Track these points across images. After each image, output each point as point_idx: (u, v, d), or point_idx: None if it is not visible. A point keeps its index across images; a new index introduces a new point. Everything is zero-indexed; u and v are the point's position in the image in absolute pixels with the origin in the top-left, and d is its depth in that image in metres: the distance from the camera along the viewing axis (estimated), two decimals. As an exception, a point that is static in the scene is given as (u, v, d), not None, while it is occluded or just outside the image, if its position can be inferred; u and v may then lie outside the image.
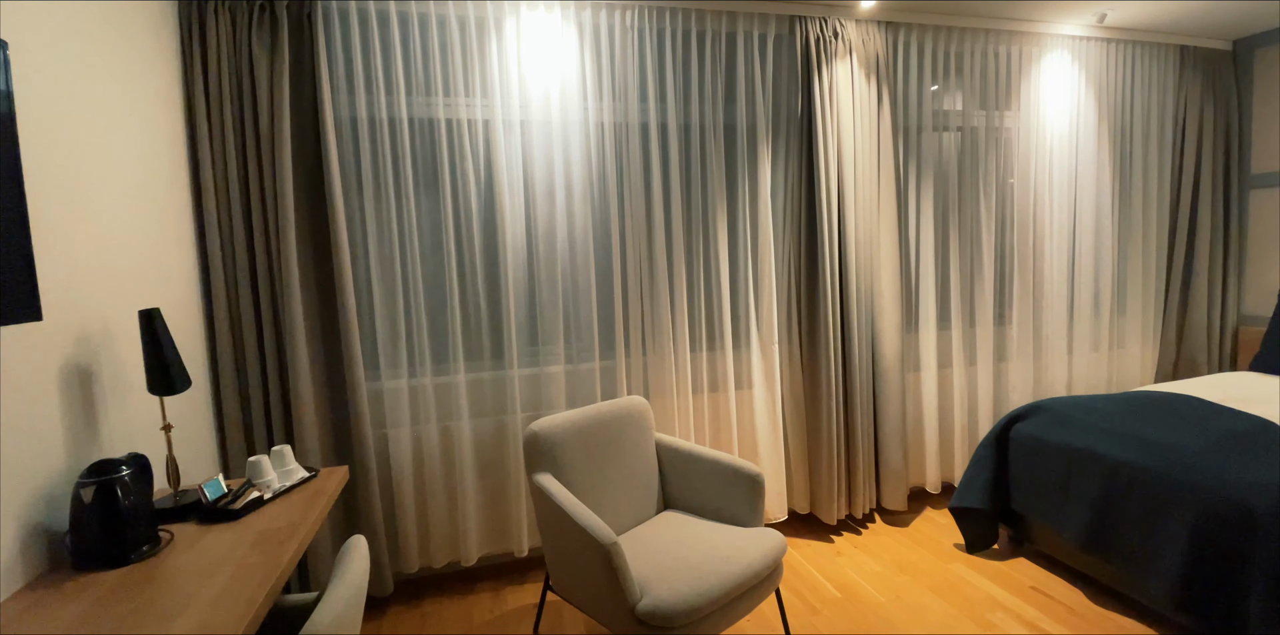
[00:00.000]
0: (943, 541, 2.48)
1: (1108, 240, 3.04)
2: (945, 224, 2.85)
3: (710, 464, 1.94)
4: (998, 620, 1.95)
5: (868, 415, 2.62)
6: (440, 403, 2.21)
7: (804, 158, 2.56)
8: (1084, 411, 2.25)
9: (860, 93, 2.60)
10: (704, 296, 2.50)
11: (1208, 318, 3.17)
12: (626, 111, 2.37)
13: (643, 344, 2.40)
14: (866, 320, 2.64)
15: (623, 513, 1.90)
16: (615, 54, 2.34)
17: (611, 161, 2.35)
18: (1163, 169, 3.12)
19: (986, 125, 2.88)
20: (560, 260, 2.30)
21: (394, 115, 2.14)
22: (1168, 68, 3.11)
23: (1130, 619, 1.94)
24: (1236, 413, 2.15)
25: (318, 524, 1.39)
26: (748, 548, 1.65)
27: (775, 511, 2.56)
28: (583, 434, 1.89)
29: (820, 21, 2.54)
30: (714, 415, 2.53)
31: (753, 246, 2.56)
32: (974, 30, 2.81)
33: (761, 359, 2.57)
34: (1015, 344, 2.95)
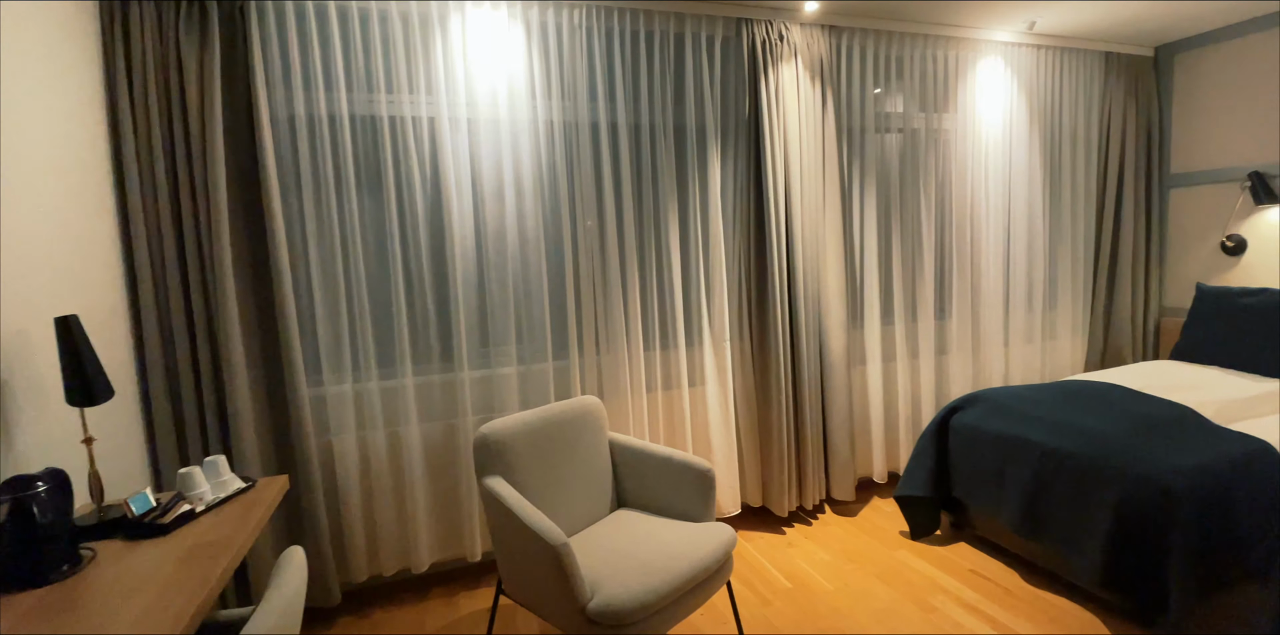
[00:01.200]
0: (889, 529, 2.57)
1: (1040, 237, 3.19)
2: (888, 223, 2.94)
3: (663, 461, 1.96)
4: (939, 603, 2.03)
5: (816, 409, 2.69)
6: (387, 407, 2.17)
7: (752, 158, 2.61)
8: (1017, 401, 2.36)
9: (805, 95, 2.66)
10: (657, 295, 2.52)
11: (1132, 310, 3.36)
12: (576, 111, 2.36)
13: (596, 344, 2.40)
14: (814, 317, 2.71)
15: (576, 513, 1.90)
16: (564, 53, 2.33)
17: (562, 161, 2.34)
18: (1089, 169, 3.29)
19: (926, 127, 2.99)
20: (511, 260, 2.28)
21: (334, 112, 2.08)
22: (1094, 73, 3.27)
23: (1062, 597, 2.05)
24: (1157, 400, 2.29)
25: (253, 536, 1.34)
26: (699, 543, 1.68)
27: (729, 505, 2.60)
28: (534, 435, 1.88)
29: (766, 24, 2.58)
30: (668, 413, 2.56)
31: (704, 245, 2.59)
32: (913, 35, 2.90)
33: (714, 356, 2.60)
34: (955, 337, 3.07)
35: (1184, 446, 1.91)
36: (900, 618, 1.95)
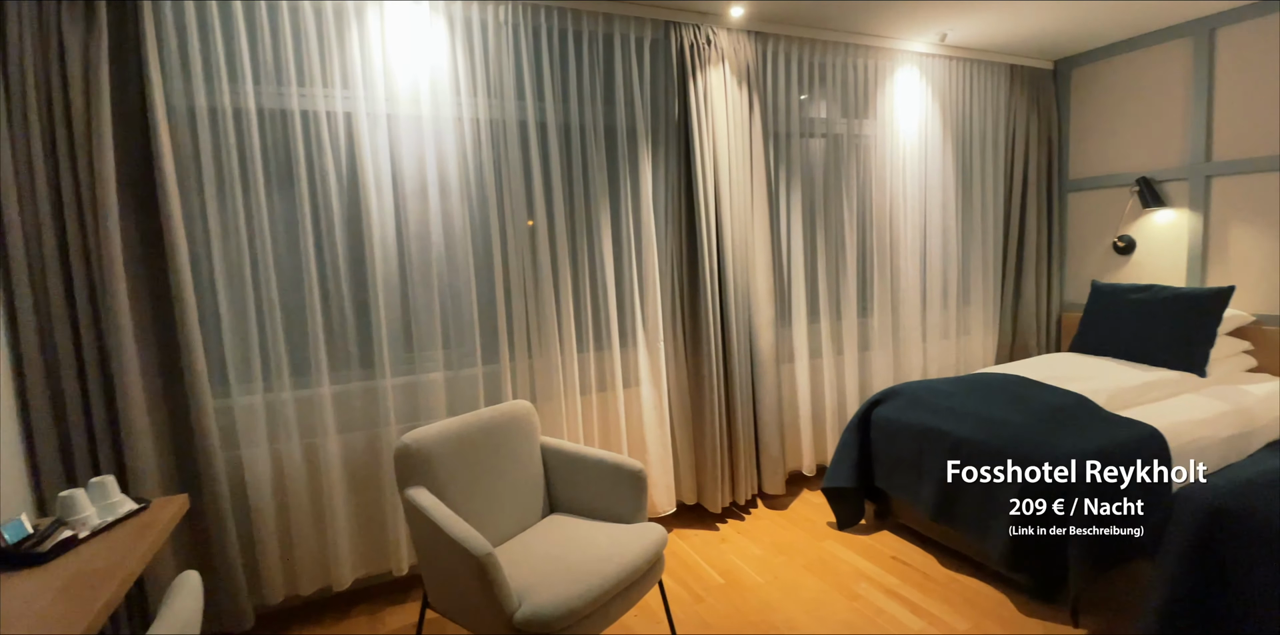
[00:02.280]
0: (817, 521, 2.66)
1: (953, 238, 3.38)
2: (813, 225, 3.04)
3: (595, 463, 1.94)
4: (862, 590, 2.11)
5: (747, 406, 2.75)
6: (302, 418, 2.05)
7: (683, 160, 2.63)
8: (932, 394, 2.48)
9: (733, 99, 2.70)
10: (590, 297, 2.50)
11: (1036, 306, 3.60)
12: (503, 108, 2.32)
13: (528, 346, 2.36)
14: (744, 316, 2.76)
15: (505, 521, 1.86)
16: (489, 49, 2.28)
17: (489, 159, 2.29)
18: (997, 174, 3.50)
19: (848, 133, 3.10)
20: (436, 262, 2.21)
21: (240, 105, 1.96)
22: (1000, 84, 3.49)
23: (975, 579, 2.17)
24: (1057, 389, 2.46)
25: (144, 561, 1.25)
26: (629, 544, 1.68)
27: (664, 504, 2.62)
28: (461, 443, 1.83)
29: (694, 28, 2.61)
30: (603, 415, 2.55)
31: (637, 246, 2.59)
32: (835, 44, 3.00)
33: (648, 357, 2.61)
34: (877, 334, 3.21)
35: (1079, 433, 2.06)
36: (827, 607, 2.02)
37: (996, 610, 1.97)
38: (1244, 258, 2.95)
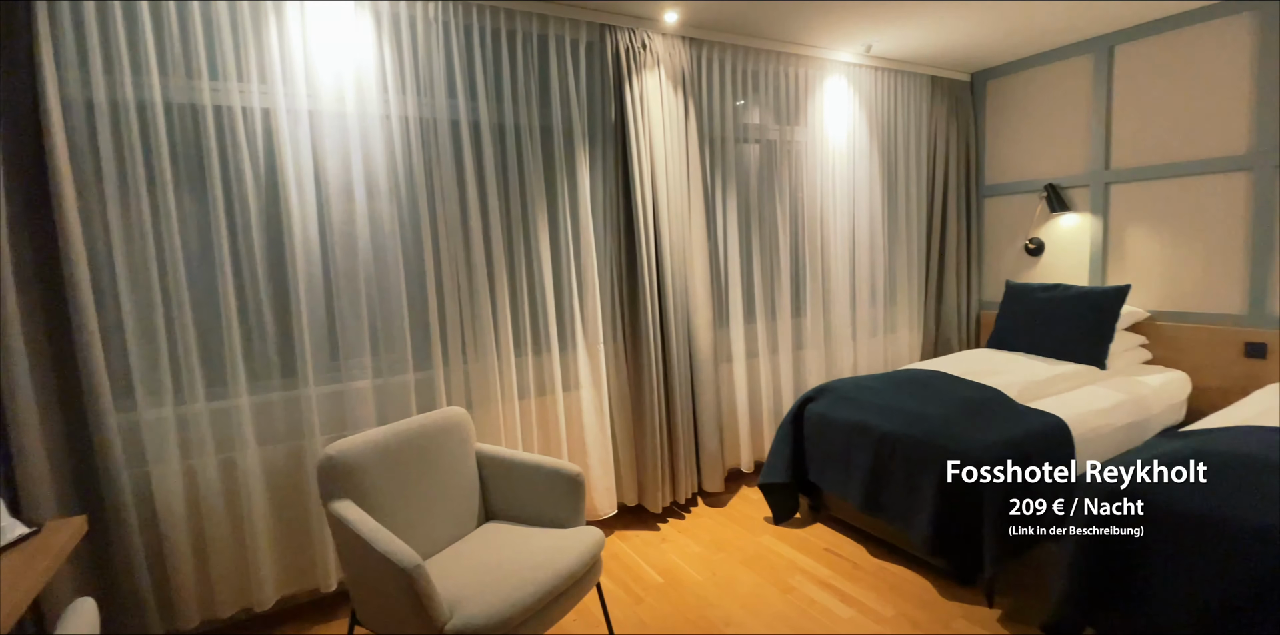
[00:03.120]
0: (755, 516, 2.72)
1: (879, 241, 3.52)
2: (748, 228, 3.11)
3: (532, 469, 1.92)
4: (797, 583, 2.17)
5: (687, 406, 2.78)
6: (218, 431, 1.94)
7: (620, 163, 2.64)
8: (860, 390, 2.58)
9: (669, 104, 2.73)
10: (528, 300, 2.48)
11: (957, 304, 3.80)
12: (434, 107, 2.27)
13: (463, 351, 2.32)
14: (683, 317, 2.80)
15: (438, 531, 1.82)
16: (419, 47, 2.23)
17: (419, 159, 2.23)
18: (920, 180, 3.68)
19: (780, 139, 3.19)
20: (363, 265, 2.13)
21: (144, 99, 1.84)
22: (922, 94, 3.66)
23: (901, 567, 2.27)
24: (973, 383, 2.60)
25: (35, 590, 1.15)
26: (565, 549, 1.67)
27: (605, 507, 2.62)
28: (390, 453, 1.78)
29: (629, 32, 2.62)
30: (542, 419, 2.53)
31: (575, 249, 2.58)
32: (767, 52, 3.08)
33: (588, 359, 2.60)
34: (810, 333, 3.31)
35: (992, 424, 2.19)
36: (763, 601, 2.07)
37: (920, 595, 2.07)
38: (1139, 258, 3.21)
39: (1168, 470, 1.61)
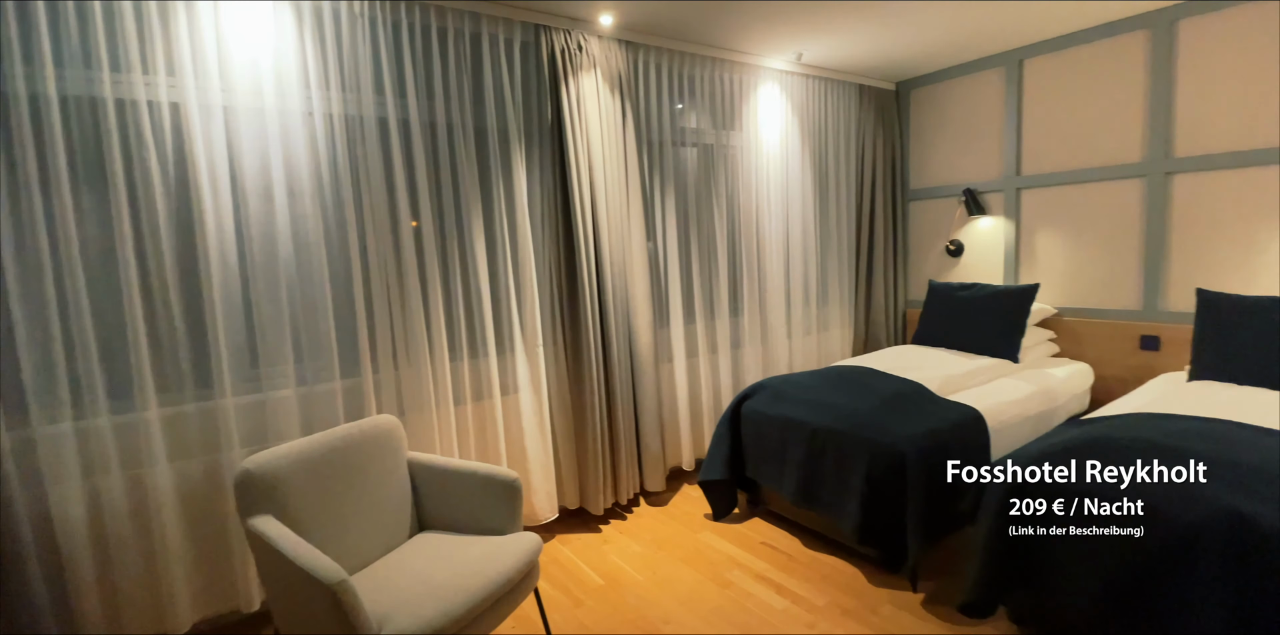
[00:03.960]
0: (695, 514, 2.76)
1: (812, 243, 3.64)
2: (687, 230, 3.15)
3: (467, 476, 1.89)
4: (734, 577, 2.22)
5: (628, 407, 2.80)
6: (125, 447, 1.81)
7: (558, 164, 2.62)
8: (793, 387, 2.67)
9: (606, 106, 2.74)
10: (463, 303, 2.43)
11: (885, 303, 3.98)
12: (360, 104, 2.19)
13: (394, 357, 2.25)
14: (623, 319, 2.81)
15: (367, 544, 1.76)
16: (343, 41, 2.15)
17: (345, 157, 2.15)
18: (849, 184, 3.83)
19: (717, 143, 3.25)
20: (285, 268, 2.04)
21: (36, 92, 1.70)
22: (851, 101, 3.81)
23: (834, 556, 2.36)
24: (897, 378, 2.72)
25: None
26: (500, 556, 1.65)
27: (546, 511, 2.60)
28: (314, 464, 1.71)
29: (565, 33, 2.61)
30: (480, 425, 2.48)
31: (512, 250, 2.55)
32: (703, 57, 3.13)
33: (527, 363, 2.58)
34: (747, 332, 3.39)
35: (914, 417, 2.30)
36: (701, 597, 2.11)
37: (850, 584, 2.16)
38: (1047, 259, 3.44)
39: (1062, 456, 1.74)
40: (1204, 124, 2.83)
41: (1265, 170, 2.66)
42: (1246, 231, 2.74)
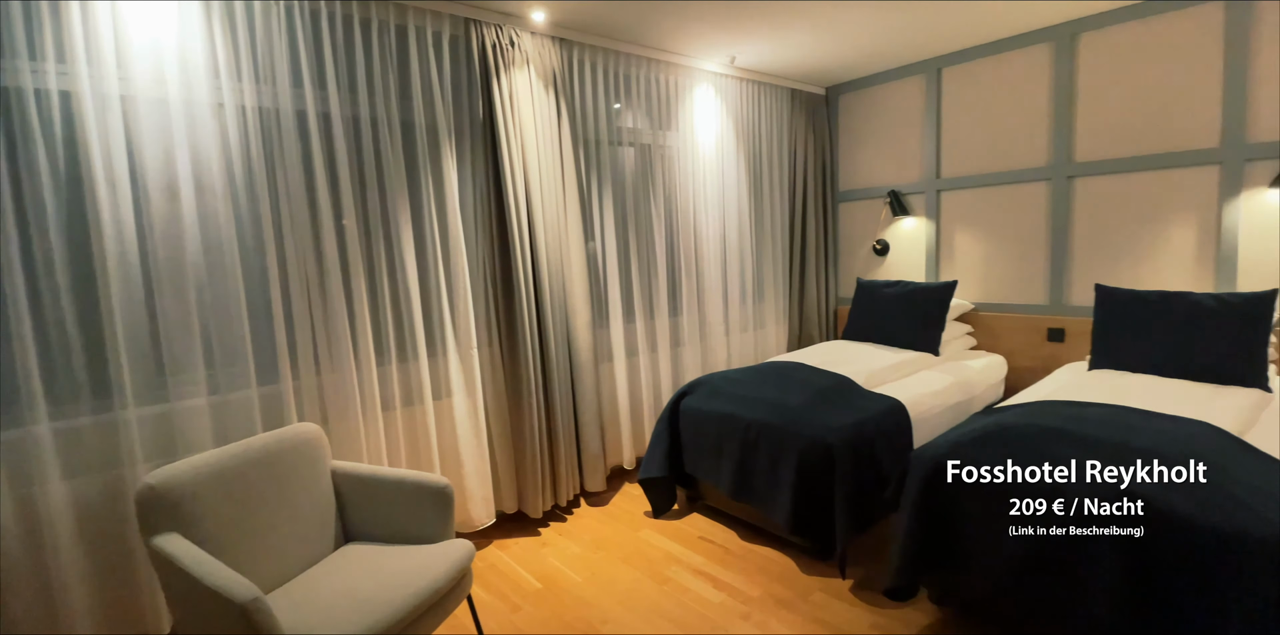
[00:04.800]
0: (635, 512, 2.78)
1: (748, 242, 3.73)
2: (625, 229, 3.16)
3: (395, 484, 1.83)
4: (673, 573, 2.25)
5: (567, 408, 2.78)
6: (11, 464, 1.65)
7: (490, 162, 2.58)
8: (729, 383, 2.72)
9: (540, 103, 2.71)
10: (390, 305, 2.35)
11: (817, 300, 4.11)
12: (276, 96, 2.08)
13: (316, 361, 2.15)
14: (561, 319, 2.79)
15: (288, 558, 1.68)
16: (256, 30, 2.03)
17: (259, 152, 2.04)
18: (782, 185, 3.93)
19: (654, 143, 3.27)
20: (193, 270, 1.91)
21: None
22: (783, 105, 3.91)
23: (769, 548, 2.42)
24: (827, 372, 2.82)
25: None
26: (430, 566, 1.61)
27: (482, 517, 2.55)
28: (226, 477, 1.62)
29: (496, 28, 2.56)
30: (410, 431, 2.41)
31: (443, 250, 2.48)
32: (639, 57, 3.14)
33: (460, 366, 2.52)
34: (686, 330, 3.44)
35: (841, 409, 2.39)
36: (639, 595, 2.12)
37: (783, 574, 2.22)
38: (964, 257, 3.64)
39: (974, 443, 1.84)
40: (1101, 131, 3.06)
41: (1155, 174, 2.91)
42: (1139, 230, 2.98)
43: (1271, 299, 2.40)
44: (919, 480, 1.87)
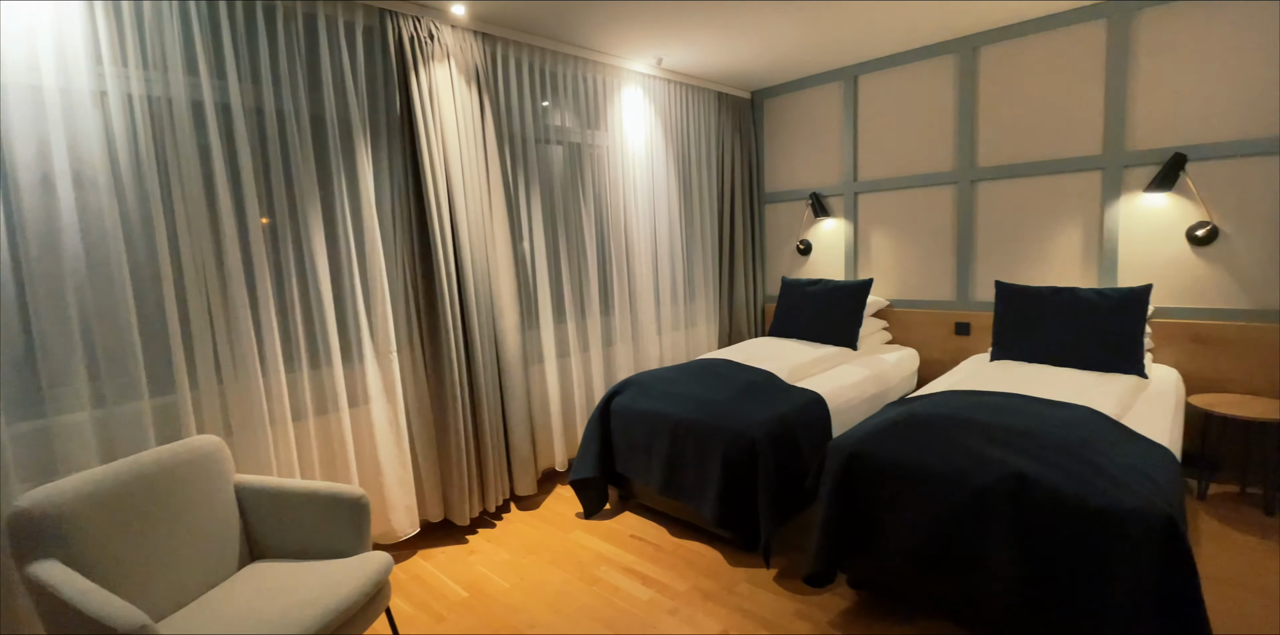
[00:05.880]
0: (567, 514, 2.76)
1: (679, 242, 3.77)
2: (555, 229, 3.13)
3: (306, 497, 1.74)
4: (603, 573, 2.25)
5: (495, 411, 2.73)
6: None
7: (409, 159, 2.49)
8: (659, 381, 2.74)
9: (463, 99, 2.64)
10: (301, 309, 2.23)
11: (746, 298, 4.22)
12: (168, 85, 1.93)
13: (217, 370, 2.01)
14: (488, 321, 2.73)
15: (186, 581, 1.57)
16: (144, 13, 1.88)
17: (149, 144, 1.89)
18: (712, 187, 4.00)
19: (583, 142, 3.25)
20: (72, 272, 1.75)
21: None
22: (711, 108, 3.98)
23: (698, 542, 2.46)
24: (752, 368, 2.89)
25: None
26: (342, 581, 1.54)
27: (405, 527, 2.46)
28: (113, 497, 1.49)
29: (414, 21, 2.48)
30: (325, 441, 2.29)
31: (358, 251, 2.38)
32: (565, 55, 3.12)
33: (379, 371, 2.42)
34: (619, 329, 3.45)
35: (764, 404, 2.46)
36: (569, 597, 2.11)
37: (711, 567, 2.26)
38: (880, 256, 3.82)
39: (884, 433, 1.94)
40: (1000, 138, 3.28)
41: (1047, 179, 3.14)
42: (1034, 231, 3.22)
43: (1146, 293, 2.65)
44: (834, 470, 1.94)
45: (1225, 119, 2.66)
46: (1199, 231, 2.74)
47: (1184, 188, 2.76)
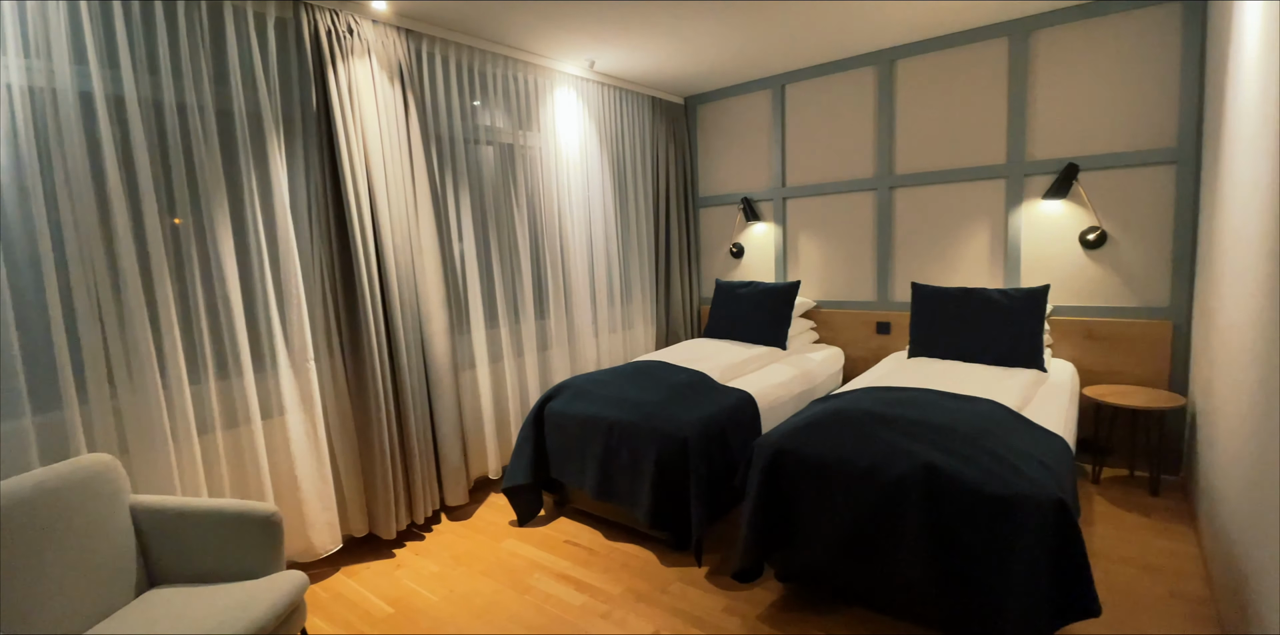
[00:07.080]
0: (500, 522, 2.71)
1: (614, 245, 3.78)
2: (486, 231, 3.07)
3: (212, 516, 1.64)
4: (535, 581, 2.22)
5: (423, 420, 2.65)
6: None
7: (327, 158, 2.39)
8: (594, 384, 2.73)
9: (385, 97, 2.56)
10: (206, 315, 2.09)
11: (682, 300, 4.27)
12: (53, 74, 1.78)
13: (110, 382, 1.86)
14: (414, 326, 2.65)
15: (72, 612, 1.43)
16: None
17: (29, 138, 1.73)
18: (647, 191, 4.03)
19: (515, 143, 3.20)
20: (-68, 278, 1.58)
21: None
22: (645, 112, 4.01)
23: (632, 544, 2.46)
24: (684, 369, 2.92)
25: None
26: (250, 605, 1.45)
27: (327, 544, 2.34)
28: (-20, 524, 1.35)
29: (331, 14, 2.38)
30: (234, 455, 2.16)
31: (270, 254, 2.26)
32: (495, 55, 3.07)
33: (294, 380, 2.30)
34: (554, 333, 3.42)
35: (696, 404, 2.49)
36: (499, 607, 2.07)
37: (644, 569, 2.27)
38: (807, 259, 3.95)
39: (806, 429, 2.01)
40: (915, 147, 3.46)
41: (957, 186, 3.34)
42: (946, 235, 3.41)
43: (1044, 293, 2.85)
44: (759, 467, 1.99)
45: (1113, 132, 2.90)
46: (1090, 235, 2.97)
47: (1076, 195, 3.00)
